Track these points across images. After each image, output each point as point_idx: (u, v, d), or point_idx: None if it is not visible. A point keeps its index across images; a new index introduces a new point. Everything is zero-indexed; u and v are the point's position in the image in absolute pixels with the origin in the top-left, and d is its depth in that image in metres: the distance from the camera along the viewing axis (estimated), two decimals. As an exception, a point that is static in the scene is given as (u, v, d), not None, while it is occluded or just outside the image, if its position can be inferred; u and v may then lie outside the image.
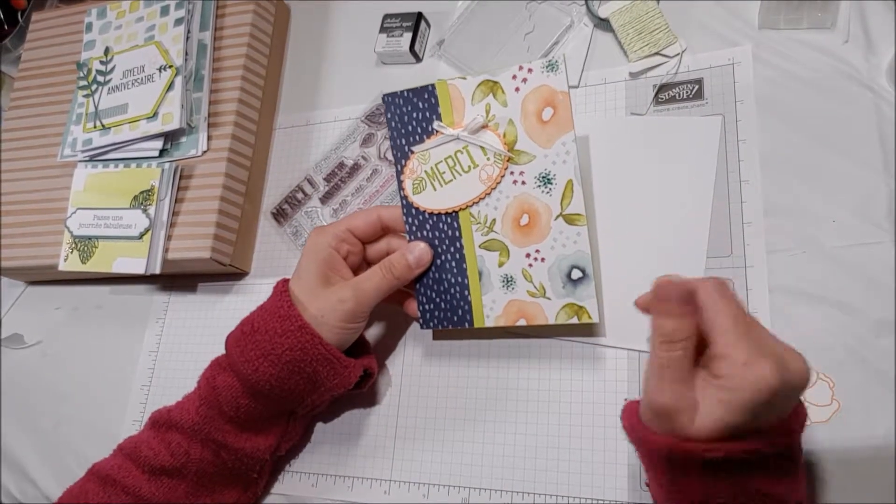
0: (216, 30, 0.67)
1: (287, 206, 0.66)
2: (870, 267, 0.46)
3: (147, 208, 0.61)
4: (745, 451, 0.34)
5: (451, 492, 0.51)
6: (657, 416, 0.36)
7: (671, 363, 0.36)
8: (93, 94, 0.67)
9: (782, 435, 0.34)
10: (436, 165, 0.50)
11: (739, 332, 0.34)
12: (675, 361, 0.36)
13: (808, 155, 0.50)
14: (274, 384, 0.48)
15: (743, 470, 0.34)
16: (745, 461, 0.34)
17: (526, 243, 0.48)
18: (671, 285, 0.37)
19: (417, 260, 0.50)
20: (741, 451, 0.34)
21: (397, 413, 0.55)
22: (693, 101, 0.54)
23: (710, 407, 0.34)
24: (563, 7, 0.60)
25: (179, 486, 0.50)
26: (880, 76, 0.50)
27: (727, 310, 0.35)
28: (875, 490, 0.42)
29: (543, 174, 0.47)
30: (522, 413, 0.51)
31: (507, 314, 0.49)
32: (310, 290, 0.49)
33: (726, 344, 0.34)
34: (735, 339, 0.34)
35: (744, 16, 0.55)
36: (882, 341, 0.44)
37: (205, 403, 0.50)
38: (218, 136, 0.64)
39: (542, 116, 0.46)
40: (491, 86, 0.48)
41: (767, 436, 0.34)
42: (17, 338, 0.74)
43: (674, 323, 0.36)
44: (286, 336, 0.47)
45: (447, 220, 0.50)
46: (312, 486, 0.55)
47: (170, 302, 0.68)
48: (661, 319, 0.37)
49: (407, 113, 0.50)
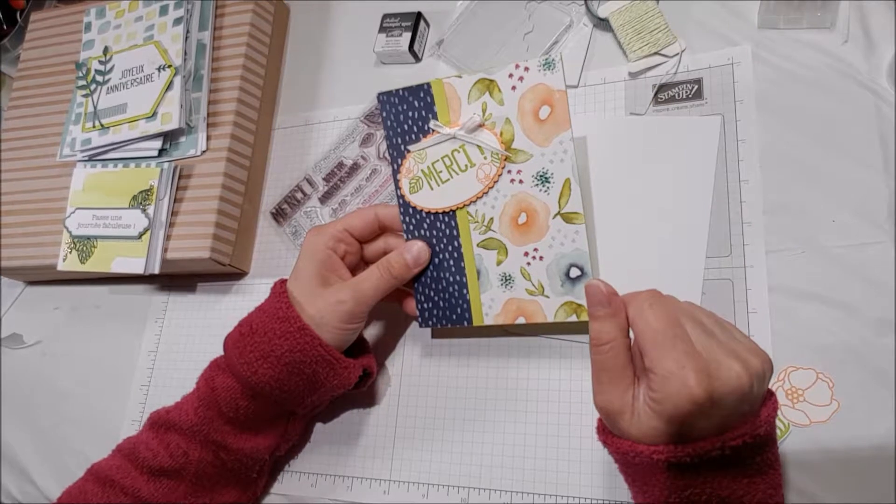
0: (215, 29, 0.67)
1: (286, 205, 0.66)
2: (870, 267, 0.46)
3: (146, 208, 0.61)
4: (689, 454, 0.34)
5: (450, 492, 0.51)
6: (603, 417, 0.38)
7: (603, 365, 0.37)
8: (92, 94, 0.67)
9: (738, 437, 0.34)
10: (432, 164, 0.50)
11: (664, 346, 0.34)
12: (607, 363, 0.37)
13: (808, 155, 0.50)
14: (273, 385, 0.48)
15: (699, 470, 0.34)
16: (699, 463, 0.34)
17: (524, 242, 0.48)
18: (592, 288, 0.39)
19: (415, 259, 0.50)
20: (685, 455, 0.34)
21: (396, 413, 0.55)
22: (692, 101, 0.54)
23: (645, 412, 0.35)
24: (562, 7, 0.60)
25: (178, 486, 0.50)
26: (880, 76, 0.50)
27: (653, 324, 0.35)
28: (875, 490, 0.42)
29: (541, 173, 0.47)
30: (522, 413, 0.51)
31: (506, 312, 0.49)
32: (308, 291, 0.49)
33: (650, 358, 0.35)
34: (658, 353, 0.34)
35: (744, 16, 0.55)
36: (882, 341, 0.44)
37: (204, 404, 0.50)
38: (217, 136, 0.64)
39: (539, 115, 0.46)
40: (487, 84, 0.47)
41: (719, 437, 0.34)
42: (17, 338, 0.73)
43: (597, 325, 0.38)
44: (285, 337, 0.47)
45: (445, 219, 0.50)
46: (312, 486, 0.55)
47: (169, 302, 0.68)
48: (591, 322, 0.39)
49: (402, 112, 0.50)
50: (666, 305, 0.37)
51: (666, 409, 0.34)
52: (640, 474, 0.37)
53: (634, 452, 0.36)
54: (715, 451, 0.34)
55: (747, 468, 0.35)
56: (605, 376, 0.37)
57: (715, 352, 0.35)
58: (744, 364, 0.34)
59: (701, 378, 0.33)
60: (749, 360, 0.34)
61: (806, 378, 0.45)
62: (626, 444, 0.36)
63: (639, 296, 0.37)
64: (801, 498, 0.43)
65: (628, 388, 0.37)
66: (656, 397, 0.34)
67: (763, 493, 0.35)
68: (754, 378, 0.34)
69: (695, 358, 0.34)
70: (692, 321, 0.36)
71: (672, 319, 0.36)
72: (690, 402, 0.33)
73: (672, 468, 0.35)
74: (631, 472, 0.38)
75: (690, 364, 0.34)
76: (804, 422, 0.44)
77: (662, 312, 0.36)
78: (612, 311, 0.38)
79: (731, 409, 0.34)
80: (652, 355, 0.35)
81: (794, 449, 0.44)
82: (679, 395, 0.33)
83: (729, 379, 0.34)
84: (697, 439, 0.34)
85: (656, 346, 0.35)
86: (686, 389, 0.33)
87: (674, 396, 0.33)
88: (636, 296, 0.38)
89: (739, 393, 0.34)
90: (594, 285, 0.39)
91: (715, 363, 0.34)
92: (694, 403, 0.33)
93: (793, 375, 0.45)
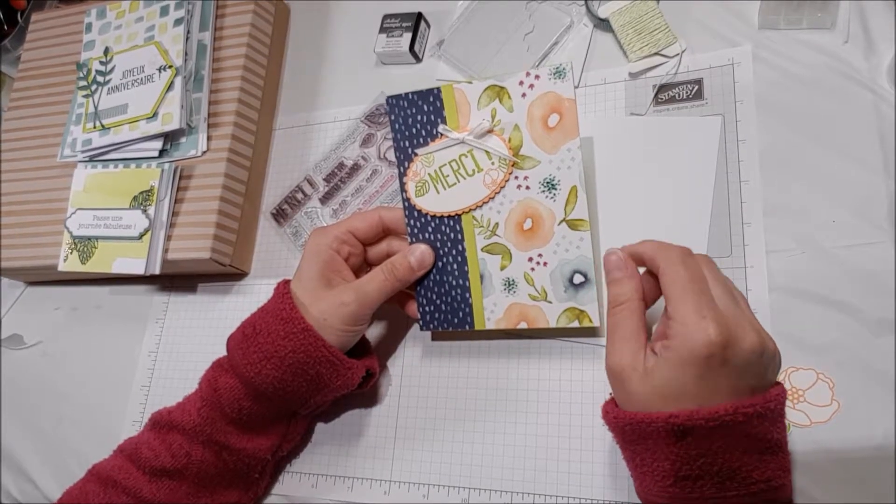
0: (216, 30, 0.67)
1: (287, 206, 0.66)
2: (870, 267, 0.46)
3: (147, 209, 0.61)
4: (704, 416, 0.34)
5: (450, 492, 0.51)
6: (614, 380, 0.39)
7: (617, 325, 0.39)
8: (92, 95, 0.67)
9: (750, 405, 0.35)
10: (440, 168, 0.50)
11: (689, 295, 0.36)
12: (621, 322, 0.39)
13: (808, 155, 0.50)
14: (277, 386, 0.48)
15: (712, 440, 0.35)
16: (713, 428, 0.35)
17: (528, 247, 0.48)
18: (609, 255, 0.41)
19: (419, 262, 0.50)
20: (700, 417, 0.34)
21: (397, 413, 0.55)
22: (693, 102, 0.54)
23: (657, 365, 0.36)
24: (562, 7, 0.60)
25: (180, 487, 0.50)
26: (880, 76, 0.50)
27: (682, 273, 0.37)
28: (875, 490, 0.42)
29: (548, 179, 0.47)
30: (522, 413, 0.51)
31: (509, 317, 0.49)
32: (311, 292, 0.49)
33: (674, 305, 0.36)
34: (682, 301, 0.36)
35: (744, 16, 0.55)
36: (882, 341, 0.44)
37: (206, 405, 0.50)
38: (217, 137, 0.64)
39: (549, 122, 0.46)
40: (497, 91, 0.48)
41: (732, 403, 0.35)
42: (17, 338, 0.74)
43: (615, 288, 0.40)
44: (289, 339, 0.47)
45: (450, 222, 0.50)
46: (312, 487, 0.55)
47: (169, 302, 0.68)
48: (608, 288, 0.41)
49: (411, 115, 0.50)
50: (697, 261, 0.38)
51: (680, 355, 0.35)
52: (649, 450, 0.37)
53: (649, 420, 0.36)
54: (728, 416, 0.34)
55: (758, 443, 0.35)
56: (618, 335, 0.39)
57: (738, 315, 0.36)
58: (761, 336, 0.36)
59: (721, 328, 0.34)
60: (765, 336, 0.36)
61: (806, 378, 0.45)
62: (641, 414, 0.36)
63: (670, 248, 0.39)
64: (801, 498, 0.43)
65: (640, 349, 0.38)
66: (673, 343, 0.35)
67: (772, 471, 0.35)
68: (766, 352, 0.36)
69: (717, 311, 0.35)
70: (722, 286, 0.38)
71: (700, 275, 0.37)
72: (706, 346, 0.34)
73: (684, 435, 0.35)
74: (640, 451, 0.38)
75: (712, 315, 0.35)
76: (805, 422, 0.44)
77: (694, 266, 0.37)
78: (629, 274, 0.40)
79: (740, 370, 0.35)
80: (676, 302, 0.36)
81: (795, 449, 0.44)
82: (696, 339, 0.34)
83: (745, 340, 0.35)
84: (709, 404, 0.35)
85: (682, 294, 0.36)
86: (703, 334, 0.34)
87: (690, 340, 0.35)
88: (669, 248, 0.39)
89: (752, 356, 0.35)
90: (611, 252, 0.41)
91: (735, 323, 0.35)
92: (709, 348, 0.34)
93: (793, 376, 0.45)
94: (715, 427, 0.34)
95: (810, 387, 0.45)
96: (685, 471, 0.35)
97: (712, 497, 0.35)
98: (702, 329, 0.34)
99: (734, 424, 0.34)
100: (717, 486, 0.35)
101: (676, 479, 0.36)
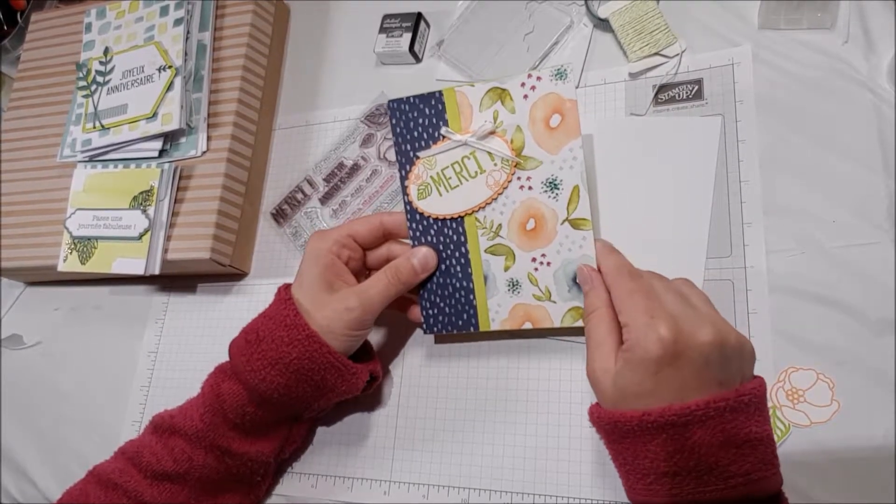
0: (216, 30, 0.67)
1: (287, 206, 0.66)
2: (870, 267, 0.46)
3: (146, 209, 0.61)
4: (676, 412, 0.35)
5: (450, 492, 0.51)
6: (592, 384, 0.41)
7: (590, 333, 0.42)
8: (92, 95, 0.67)
9: (721, 399, 0.35)
10: (442, 171, 0.50)
11: (637, 301, 0.39)
12: (592, 330, 0.41)
13: (808, 155, 0.50)
14: (281, 392, 0.48)
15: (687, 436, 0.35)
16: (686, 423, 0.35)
17: (532, 247, 0.48)
18: (579, 271, 0.45)
19: (422, 264, 0.50)
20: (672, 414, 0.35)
21: (397, 413, 0.55)
22: (693, 102, 0.54)
23: (621, 367, 0.38)
24: (562, 7, 0.60)
25: (182, 491, 0.50)
26: (880, 76, 0.50)
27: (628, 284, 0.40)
28: (875, 490, 0.42)
29: (550, 179, 0.47)
30: (522, 413, 0.51)
31: (513, 318, 0.49)
32: (314, 297, 0.48)
33: (625, 314, 0.39)
34: (631, 307, 0.39)
35: (744, 16, 0.55)
36: (882, 341, 0.44)
37: (209, 410, 0.50)
38: (217, 137, 0.64)
39: (550, 123, 0.47)
40: (499, 93, 0.48)
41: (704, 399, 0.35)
42: (17, 338, 0.73)
43: (585, 299, 0.44)
44: (293, 345, 0.47)
45: (452, 225, 0.50)
46: (312, 487, 0.55)
47: (169, 303, 0.68)
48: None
49: (413, 119, 0.50)
50: (643, 275, 0.41)
51: (637, 355, 0.37)
52: (631, 449, 0.38)
53: (625, 419, 0.37)
54: (699, 411, 0.35)
55: (734, 437, 0.36)
56: (591, 342, 0.41)
57: (690, 314, 0.37)
58: (716, 331, 0.36)
59: (670, 325, 0.36)
60: (724, 330, 0.37)
61: (806, 378, 0.45)
62: (618, 412, 0.38)
63: (621, 269, 0.42)
64: (801, 498, 0.43)
65: (611, 353, 0.39)
66: (628, 346, 0.38)
67: (751, 465, 0.36)
68: (727, 345, 0.36)
69: (665, 311, 0.37)
70: (673, 293, 0.39)
71: (647, 284, 0.40)
72: (657, 343, 0.36)
73: (660, 432, 0.36)
74: (622, 450, 0.39)
75: (661, 315, 0.37)
76: (805, 422, 0.44)
77: (638, 279, 0.41)
78: (595, 285, 0.43)
79: (700, 365, 0.36)
80: (626, 310, 0.39)
81: (795, 449, 0.44)
82: (647, 339, 0.36)
83: (699, 334, 0.36)
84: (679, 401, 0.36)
85: (630, 301, 0.39)
86: (654, 332, 0.36)
87: (643, 340, 0.37)
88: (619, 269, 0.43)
89: (709, 349, 0.36)
90: (580, 268, 0.45)
91: (687, 321, 0.37)
92: (660, 344, 0.36)
93: (793, 376, 0.45)
94: (688, 422, 0.35)
95: (810, 387, 0.45)
96: (664, 467, 0.36)
97: (692, 492, 0.36)
98: (651, 328, 0.36)
99: (707, 419, 0.35)
100: (696, 482, 0.35)
101: (657, 476, 0.36)
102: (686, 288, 0.41)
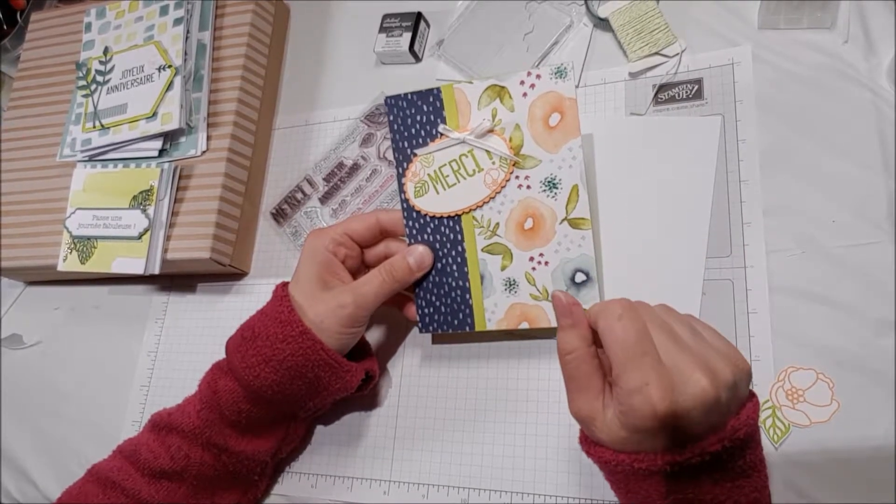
0: (215, 29, 0.67)
1: (286, 206, 0.66)
2: (870, 267, 0.46)
3: (146, 208, 0.61)
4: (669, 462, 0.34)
5: (450, 492, 0.51)
6: (579, 423, 0.38)
7: (570, 374, 0.38)
8: (92, 94, 0.67)
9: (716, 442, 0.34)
10: (439, 169, 0.50)
11: (631, 360, 0.35)
12: (572, 372, 0.38)
13: (808, 155, 0.50)
14: (276, 389, 0.48)
15: (680, 477, 0.35)
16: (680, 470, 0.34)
17: (530, 247, 0.48)
18: (555, 299, 0.40)
19: (418, 263, 0.50)
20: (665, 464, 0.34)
21: (396, 413, 0.55)
22: (693, 101, 0.54)
23: (613, 422, 0.36)
24: (562, 7, 0.60)
25: (179, 488, 0.50)
26: (880, 76, 0.50)
27: (621, 337, 0.36)
28: (875, 490, 0.42)
29: (549, 179, 0.47)
30: (522, 413, 0.51)
31: (510, 317, 0.49)
32: (309, 295, 0.48)
33: (617, 373, 0.35)
34: (624, 368, 0.35)
35: (744, 16, 0.55)
36: (882, 341, 0.44)
37: (206, 407, 0.50)
38: (217, 137, 0.64)
39: (549, 122, 0.46)
40: (498, 90, 0.47)
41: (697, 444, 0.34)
42: (17, 338, 0.73)
43: (561, 335, 0.39)
44: (287, 342, 0.47)
45: (449, 223, 0.50)
46: (312, 487, 0.55)
47: (169, 302, 0.68)
48: (557, 331, 0.40)
49: (410, 115, 0.50)
50: (635, 317, 0.36)
51: (630, 422, 0.35)
52: (624, 482, 0.37)
53: (616, 461, 0.36)
54: (694, 459, 0.34)
55: (730, 472, 0.35)
56: (572, 385, 0.38)
57: (682, 363, 0.35)
58: (711, 376, 0.34)
59: (664, 394, 0.34)
60: (718, 371, 0.35)
61: (806, 378, 0.45)
62: (609, 453, 0.37)
63: (609, 307, 0.37)
64: (801, 498, 0.43)
65: (597, 396, 0.37)
66: (623, 409, 0.35)
67: (747, 496, 0.35)
68: (722, 389, 0.34)
69: (659, 373, 0.34)
70: (663, 331, 0.36)
71: (640, 332, 0.36)
72: (654, 419, 0.34)
73: (653, 476, 0.35)
74: (615, 480, 0.39)
75: (655, 380, 0.34)
76: (804, 422, 0.44)
77: (631, 325, 0.36)
78: (573, 322, 0.39)
79: (698, 419, 0.34)
80: (618, 370, 0.35)
81: (794, 449, 0.44)
82: (643, 410, 0.34)
83: (694, 393, 0.34)
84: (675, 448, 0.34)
85: (623, 360, 0.35)
86: (649, 406, 0.34)
87: (638, 411, 0.34)
88: (607, 306, 0.37)
89: (705, 406, 0.34)
90: (556, 296, 0.40)
91: (680, 376, 0.34)
92: (657, 419, 0.34)
93: (793, 376, 0.45)
94: (681, 470, 0.34)
95: (810, 386, 0.45)
96: (661, 502, 0.35)
97: None
98: (646, 401, 0.34)
99: (702, 463, 0.34)
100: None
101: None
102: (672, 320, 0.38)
